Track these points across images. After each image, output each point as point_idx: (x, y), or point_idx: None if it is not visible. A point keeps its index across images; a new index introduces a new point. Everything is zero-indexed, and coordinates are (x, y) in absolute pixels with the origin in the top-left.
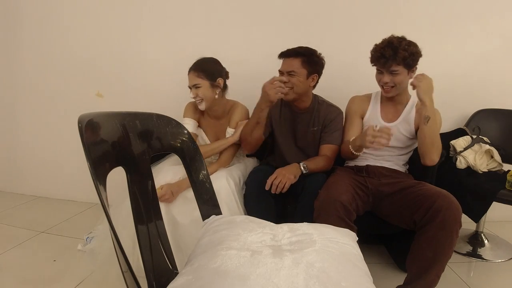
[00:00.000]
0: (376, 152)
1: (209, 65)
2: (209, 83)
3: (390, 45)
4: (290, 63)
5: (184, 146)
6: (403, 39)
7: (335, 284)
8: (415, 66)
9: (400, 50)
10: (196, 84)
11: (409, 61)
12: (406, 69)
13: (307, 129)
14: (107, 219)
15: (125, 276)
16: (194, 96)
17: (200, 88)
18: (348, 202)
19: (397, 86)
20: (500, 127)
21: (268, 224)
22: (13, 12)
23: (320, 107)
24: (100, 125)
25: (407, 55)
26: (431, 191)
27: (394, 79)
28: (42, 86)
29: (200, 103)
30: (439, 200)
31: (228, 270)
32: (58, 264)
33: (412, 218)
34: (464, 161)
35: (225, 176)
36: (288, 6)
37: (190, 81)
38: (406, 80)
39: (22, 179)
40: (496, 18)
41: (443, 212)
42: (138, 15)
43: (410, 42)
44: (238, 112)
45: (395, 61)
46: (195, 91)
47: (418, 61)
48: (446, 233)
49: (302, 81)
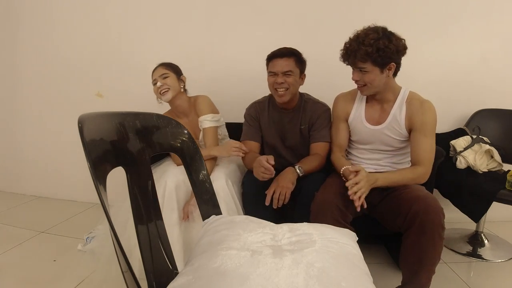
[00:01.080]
0: (368, 156)
1: (174, 65)
2: (176, 76)
3: (356, 39)
4: (285, 63)
5: (184, 146)
6: (374, 31)
7: (335, 284)
8: (390, 64)
9: (362, 45)
10: (164, 74)
11: (376, 58)
12: (376, 67)
13: (295, 128)
14: (107, 219)
15: (125, 276)
16: (161, 85)
17: (168, 77)
18: (343, 204)
19: (368, 85)
20: (500, 127)
21: (268, 224)
22: (13, 12)
23: (306, 104)
24: (100, 125)
25: (371, 51)
26: (410, 194)
27: (363, 77)
28: (42, 86)
29: (166, 92)
30: (415, 205)
31: (228, 270)
32: (58, 264)
33: (396, 223)
34: (464, 161)
35: (224, 177)
36: (287, 6)
37: (158, 73)
38: (378, 78)
39: (22, 179)
40: (496, 18)
41: (420, 217)
42: (138, 15)
43: (383, 35)
44: (202, 101)
45: (356, 58)
46: (163, 81)
47: (395, 58)
48: (427, 237)
49: (297, 81)
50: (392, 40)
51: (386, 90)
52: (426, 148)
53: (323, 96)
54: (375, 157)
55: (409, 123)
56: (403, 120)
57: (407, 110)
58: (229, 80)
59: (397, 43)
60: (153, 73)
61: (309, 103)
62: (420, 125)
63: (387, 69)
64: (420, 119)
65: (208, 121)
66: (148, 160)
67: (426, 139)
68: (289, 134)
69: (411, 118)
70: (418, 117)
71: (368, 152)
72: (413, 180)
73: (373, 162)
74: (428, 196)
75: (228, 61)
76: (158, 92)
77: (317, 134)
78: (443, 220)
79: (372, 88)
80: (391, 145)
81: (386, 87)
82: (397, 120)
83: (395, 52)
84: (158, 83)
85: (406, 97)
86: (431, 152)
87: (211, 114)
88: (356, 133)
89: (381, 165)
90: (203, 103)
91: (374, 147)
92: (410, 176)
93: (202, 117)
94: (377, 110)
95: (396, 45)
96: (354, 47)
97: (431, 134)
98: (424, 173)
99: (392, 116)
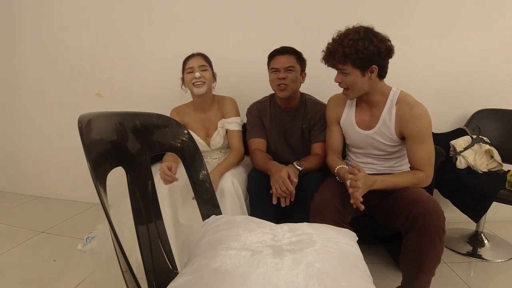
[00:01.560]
0: (363, 159)
1: (209, 59)
2: (211, 71)
3: (336, 39)
4: (287, 60)
5: (184, 146)
6: (355, 32)
7: (335, 284)
8: (371, 67)
9: (340, 47)
10: (203, 66)
11: (355, 60)
12: (356, 69)
13: (297, 127)
14: (107, 219)
15: (125, 276)
16: (199, 77)
17: (207, 71)
18: (341, 205)
19: (351, 88)
20: (500, 127)
21: (268, 224)
22: (13, 12)
23: (307, 104)
24: (100, 125)
25: (350, 52)
26: (411, 196)
27: (345, 79)
28: (42, 86)
29: (201, 85)
30: (416, 208)
31: (228, 270)
32: (58, 264)
33: (396, 224)
34: (464, 161)
35: (230, 177)
36: (287, 6)
37: (196, 62)
38: (361, 81)
39: (22, 179)
40: (496, 18)
41: (422, 220)
42: (138, 15)
43: (365, 36)
44: (231, 103)
45: (335, 59)
46: (202, 73)
47: (376, 60)
48: (427, 239)
49: (298, 78)
50: (374, 41)
51: (373, 93)
52: (423, 154)
53: (322, 97)
54: (370, 161)
55: (399, 129)
56: (393, 125)
57: (397, 114)
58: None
59: (379, 44)
60: (189, 60)
61: (310, 103)
62: (412, 133)
63: (368, 72)
64: (411, 127)
65: (238, 123)
66: (148, 160)
67: (422, 146)
68: (291, 133)
69: (401, 125)
70: (408, 125)
71: (363, 156)
72: (414, 184)
73: (369, 166)
74: (429, 199)
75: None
76: (192, 82)
77: (318, 134)
78: (443, 223)
79: (355, 92)
80: (382, 149)
81: (372, 89)
82: (387, 125)
83: (375, 53)
84: (196, 74)
85: (396, 99)
86: (430, 157)
87: (239, 117)
88: (348, 137)
89: (376, 169)
90: (232, 105)
91: (367, 151)
92: (411, 181)
93: (230, 119)
94: (367, 115)
95: (377, 46)
96: (333, 48)
97: (427, 139)
98: (426, 177)
99: (382, 121)
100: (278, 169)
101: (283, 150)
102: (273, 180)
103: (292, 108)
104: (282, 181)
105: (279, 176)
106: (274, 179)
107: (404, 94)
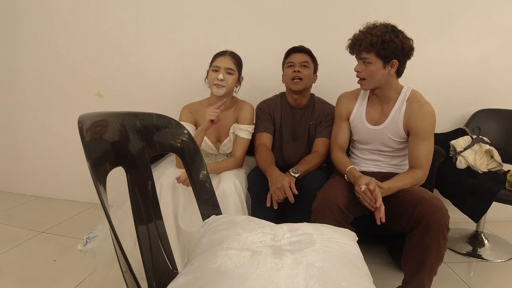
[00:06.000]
0: (369, 156)
1: (241, 62)
2: (237, 76)
3: (365, 29)
4: (303, 56)
5: (184, 146)
6: (383, 25)
7: (335, 284)
8: (393, 60)
9: (368, 35)
10: (231, 69)
11: (379, 49)
12: (380, 59)
13: (305, 124)
14: (107, 219)
15: (125, 276)
16: (222, 79)
17: (232, 75)
18: (344, 205)
19: (368, 79)
20: (500, 127)
21: (268, 224)
22: (13, 12)
23: (315, 104)
24: (100, 125)
25: (376, 41)
26: (414, 196)
27: (365, 69)
28: (42, 86)
29: (221, 88)
30: (420, 206)
31: (228, 270)
32: (58, 264)
33: (400, 223)
34: (464, 161)
35: (232, 177)
36: (289, 5)
37: (225, 63)
38: (380, 73)
39: (22, 179)
40: (496, 18)
41: (426, 218)
42: (138, 15)
43: (392, 30)
44: (249, 109)
45: (361, 47)
46: (226, 76)
47: (399, 55)
48: (431, 238)
49: (311, 75)
50: (399, 36)
51: (388, 88)
52: (424, 152)
53: (327, 97)
54: (375, 158)
55: (407, 125)
56: (402, 121)
57: (406, 111)
58: None
59: (404, 40)
60: (218, 58)
61: (319, 103)
62: (418, 130)
63: (389, 65)
64: (418, 124)
65: (248, 132)
66: (148, 160)
67: (423, 143)
68: (298, 131)
69: (409, 121)
70: (416, 121)
71: (369, 153)
72: (414, 184)
73: (373, 162)
74: (433, 197)
75: None
76: (213, 82)
77: (323, 130)
78: (448, 221)
79: (371, 83)
80: (390, 146)
81: (387, 85)
82: (396, 121)
83: (399, 48)
84: (220, 75)
85: (407, 96)
86: (429, 155)
87: (252, 126)
88: (356, 132)
89: (381, 166)
90: (249, 112)
91: (374, 147)
92: (411, 181)
93: (243, 126)
94: (377, 111)
95: (402, 42)
96: (360, 36)
97: (429, 138)
98: (424, 175)
99: (392, 117)
100: (280, 178)
101: (289, 146)
102: (275, 188)
103: (302, 106)
104: (285, 191)
105: (282, 186)
106: (275, 187)
107: (415, 92)
